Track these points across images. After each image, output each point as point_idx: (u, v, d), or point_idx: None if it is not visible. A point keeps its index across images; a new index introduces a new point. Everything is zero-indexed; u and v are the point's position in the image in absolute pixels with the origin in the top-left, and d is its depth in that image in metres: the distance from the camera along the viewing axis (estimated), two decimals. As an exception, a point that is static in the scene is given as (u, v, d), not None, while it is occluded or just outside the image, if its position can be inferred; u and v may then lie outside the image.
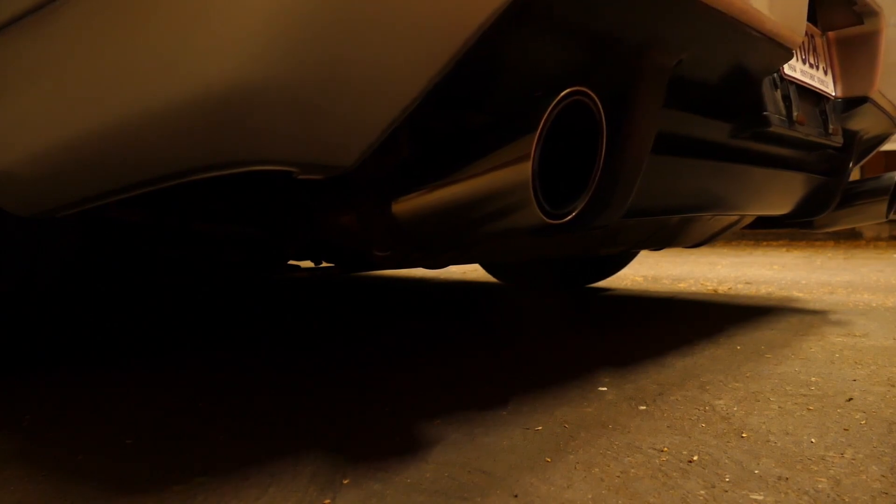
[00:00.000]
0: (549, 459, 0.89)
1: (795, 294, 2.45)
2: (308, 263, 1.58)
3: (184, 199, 1.04)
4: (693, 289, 2.64)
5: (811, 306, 2.17)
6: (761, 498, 0.77)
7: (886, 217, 1.84)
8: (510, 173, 0.69)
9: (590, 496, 0.78)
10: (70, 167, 0.76)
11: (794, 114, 1.29)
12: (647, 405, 1.12)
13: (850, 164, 1.71)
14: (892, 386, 1.22)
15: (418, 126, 0.77)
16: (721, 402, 1.14)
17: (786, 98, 1.29)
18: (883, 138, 1.87)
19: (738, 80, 1.17)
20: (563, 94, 0.70)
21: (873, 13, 1.47)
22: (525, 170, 0.67)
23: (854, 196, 1.81)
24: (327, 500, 0.78)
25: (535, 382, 1.26)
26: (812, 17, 1.44)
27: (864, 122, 1.66)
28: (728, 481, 0.81)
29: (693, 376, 1.30)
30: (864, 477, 0.82)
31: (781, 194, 1.63)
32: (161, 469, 0.88)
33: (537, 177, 0.68)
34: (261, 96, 0.60)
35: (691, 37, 0.97)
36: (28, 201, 0.85)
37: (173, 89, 0.63)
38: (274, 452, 0.93)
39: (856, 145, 1.70)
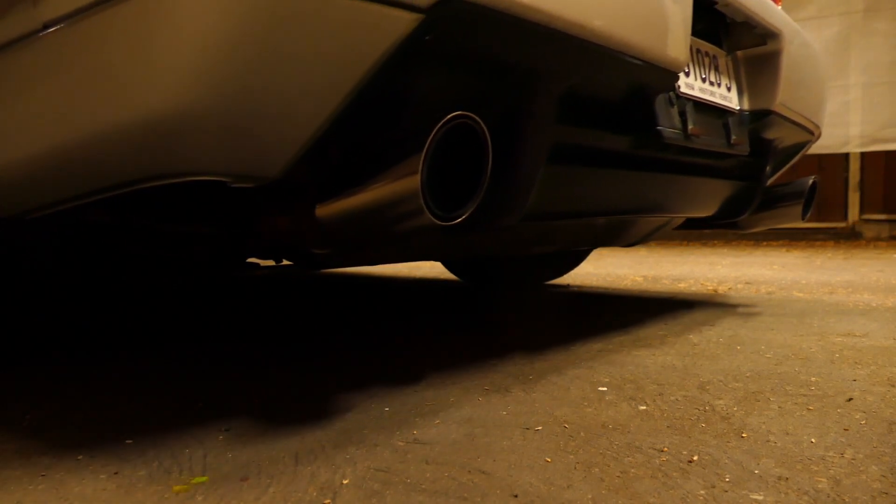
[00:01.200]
0: (549, 459, 0.89)
1: (796, 294, 2.45)
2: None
3: (147, 202, 1.17)
4: (693, 289, 2.64)
5: (812, 307, 2.17)
6: (761, 498, 0.77)
7: (803, 218, 1.97)
8: (405, 184, 0.83)
9: (590, 496, 0.78)
10: (42, 175, 0.89)
11: (690, 127, 1.40)
12: (646, 405, 1.12)
13: (767, 170, 1.85)
14: (892, 386, 1.22)
15: (342, 141, 0.90)
16: (721, 402, 1.14)
17: (682, 113, 1.40)
18: (801, 146, 2.01)
19: (632, 99, 1.29)
20: (445, 119, 0.84)
21: (774, 35, 1.59)
22: (415, 182, 0.82)
23: (774, 199, 1.95)
24: (327, 500, 0.78)
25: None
26: (717, 39, 1.57)
27: (777, 132, 1.78)
28: (728, 481, 0.81)
29: (692, 375, 1.30)
30: (864, 477, 0.82)
31: (702, 198, 1.79)
32: (160, 469, 0.87)
33: (426, 187, 0.82)
34: (196, 120, 0.74)
35: (575, 67, 1.10)
36: (7, 203, 0.97)
37: (125, 114, 0.77)
38: (274, 452, 0.93)
39: (771, 153, 1.83)
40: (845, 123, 5.27)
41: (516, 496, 0.78)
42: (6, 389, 1.29)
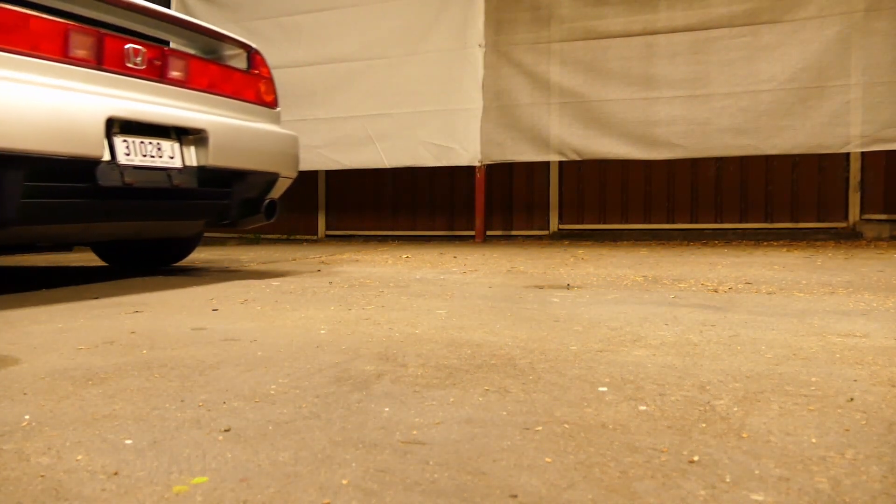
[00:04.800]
0: (549, 459, 0.89)
1: (796, 294, 2.45)
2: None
3: None
4: (694, 289, 2.64)
5: (812, 307, 2.17)
6: (761, 498, 0.77)
7: (267, 221, 3.31)
8: None
9: (590, 496, 0.78)
10: None
11: (126, 179, 2.56)
12: (646, 405, 1.12)
13: (236, 197, 3.16)
14: (893, 386, 1.22)
15: None
16: (721, 402, 1.14)
17: (122, 173, 2.55)
18: (272, 181, 3.31)
19: (79, 168, 2.43)
20: None
21: (201, 129, 2.91)
22: None
23: (252, 210, 3.27)
24: (327, 500, 0.78)
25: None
26: (167, 133, 2.84)
27: (239, 176, 3.15)
28: (728, 482, 0.81)
29: (692, 375, 1.30)
30: (865, 477, 0.82)
31: (193, 213, 3.17)
32: (160, 469, 0.87)
33: None
34: None
35: (24, 163, 2.24)
36: None
37: None
38: (273, 452, 0.93)
39: (236, 187, 3.14)
40: (846, 123, 5.26)
41: (516, 496, 0.78)
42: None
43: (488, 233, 6.49)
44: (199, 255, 5.00)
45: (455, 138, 6.14)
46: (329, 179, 7.24)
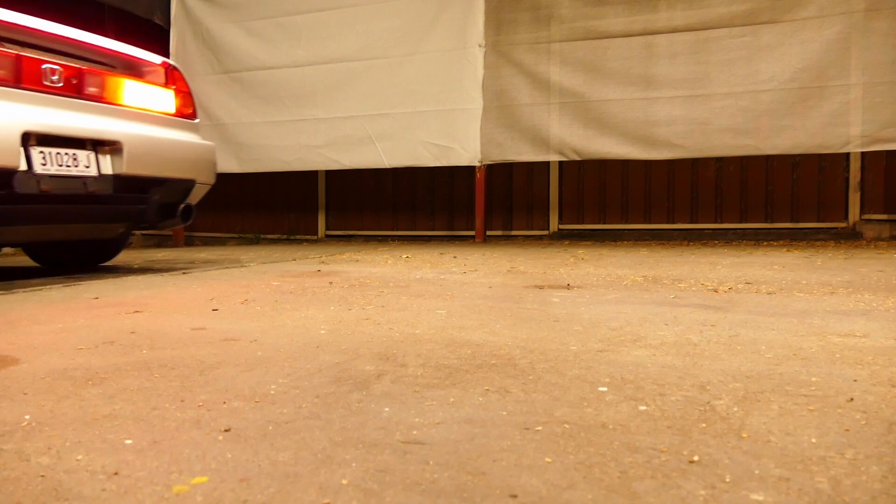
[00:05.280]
0: (549, 459, 0.89)
1: (796, 294, 2.45)
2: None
3: None
4: (694, 289, 2.64)
5: (812, 307, 2.17)
6: (761, 498, 0.77)
7: (183, 224, 3.69)
8: None
9: (590, 496, 0.78)
10: None
11: (42, 187, 2.82)
12: (646, 405, 1.12)
13: (153, 202, 3.42)
14: (893, 386, 1.22)
15: None
16: (721, 402, 1.14)
17: (38, 181, 2.82)
18: (188, 186, 3.60)
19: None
20: None
21: (116, 141, 3.20)
22: None
23: (171, 213, 3.56)
24: (327, 500, 0.78)
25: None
26: (83, 145, 3.10)
27: (156, 183, 3.44)
28: (728, 482, 0.81)
29: (692, 375, 1.30)
30: (865, 477, 0.82)
31: (117, 217, 3.46)
32: (160, 469, 0.87)
33: None
34: None
35: None
36: None
37: None
38: (273, 453, 0.93)
39: (152, 192, 3.42)
40: (846, 123, 5.26)
41: (516, 496, 0.78)
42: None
43: (488, 233, 6.49)
44: (200, 255, 5.01)
45: (455, 138, 6.13)
46: (329, 179, 7.24)
